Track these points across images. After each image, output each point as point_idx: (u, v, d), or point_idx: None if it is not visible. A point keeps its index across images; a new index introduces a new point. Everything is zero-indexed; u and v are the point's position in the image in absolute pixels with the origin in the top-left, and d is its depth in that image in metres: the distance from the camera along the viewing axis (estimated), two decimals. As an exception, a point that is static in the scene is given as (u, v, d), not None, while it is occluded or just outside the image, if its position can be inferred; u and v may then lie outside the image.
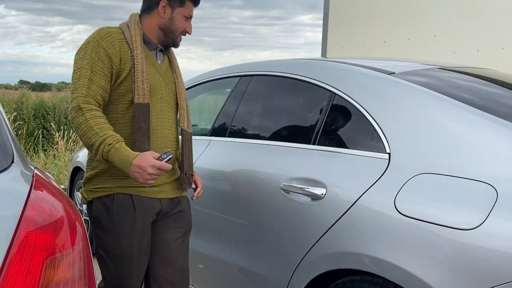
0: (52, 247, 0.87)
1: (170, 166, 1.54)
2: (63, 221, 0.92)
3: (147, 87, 1.66)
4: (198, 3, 1.83)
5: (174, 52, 1.90)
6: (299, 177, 1.68)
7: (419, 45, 5.95)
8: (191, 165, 1.79)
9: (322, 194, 1.57)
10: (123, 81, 1.66)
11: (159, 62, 1.80)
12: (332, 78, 1.81)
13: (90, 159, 1.71)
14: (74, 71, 1.66)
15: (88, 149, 1.60)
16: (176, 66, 1.87)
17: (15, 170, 0.95)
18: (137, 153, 1.52)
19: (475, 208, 1.21)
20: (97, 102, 1.60)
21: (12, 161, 0.95)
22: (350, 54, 6.91)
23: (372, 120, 1.59)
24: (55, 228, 0.89)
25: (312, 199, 1.60)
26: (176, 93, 1.82)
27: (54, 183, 1.07)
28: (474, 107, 1.44)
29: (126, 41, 1.69)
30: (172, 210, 1.75)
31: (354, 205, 1.46)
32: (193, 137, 1.88)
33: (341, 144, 1.69)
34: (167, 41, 1.80)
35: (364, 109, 1.63)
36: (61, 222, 0.91)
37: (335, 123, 1.75)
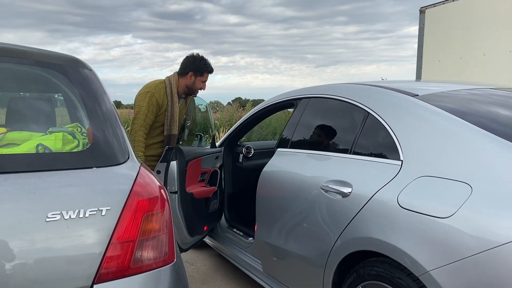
0: (147, 208, 1.46)
1: None
2: (156, 193, 1.51)
3: (172, 124, 3.09)
4: (212, 72, 3.21)
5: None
6: (334, 179, 2.12)
7: (521, 57, 5.77)
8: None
9: (349, 192, 2.00)
10: (159, 116, 3.08)
11: (179, 104, 3.21)
12: (368, 99, 2.22)
13: None
14: (136, 105, 3.02)
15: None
16: (188, 106, 3.34)
17: (130, 163, 1.57)
18: None
19: (451, 201, 1.56)
20: (146, 128, 3.01)
21: (128, 158, 1.58)
22: (446, 68, 6.92)
23: (393, 134, 1.97)
24: (149, 197, 1.49)
25: (342, 196, 2.03)
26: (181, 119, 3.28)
27: (150, 172, 1.68)
28: (473, 123, 1.76)
29: (166, 94, 3.08)
30: None
31: (369, 201, 1.87)
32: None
33: (368, 153, 2.09)
34: (189, 93, 3.25)
35: (388, 125, 2.02)
36: (154, 194, 1.51)
37: (366, 136, 2.15)
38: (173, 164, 2.83)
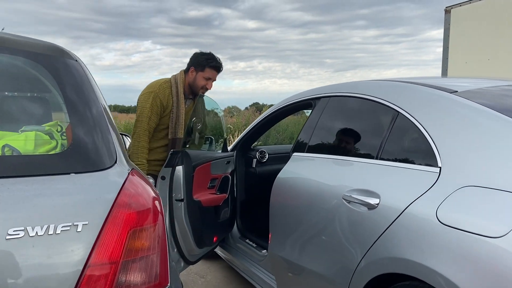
0: (135, 222, 1.22)
1: None
2: (147, 205, 1.27)
3: (178, 127, 2.80)
4: (219, 71, 2.91)
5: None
6: (358, 188, 1.84)
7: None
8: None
9: (376, 204, 1.71)
10: (163, 118, 2.82)
11: (186, 106, 2.92)
12: (397, 97, 1.94)
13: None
14: (139, 106, 2.76)
15: (131, 156, 2.62)
16: (196, 106, 3.00)
17: (117, 167, 1.33)
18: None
19: (503, 217, 1.27)
20: (150, 132, 2.75)
21: (115, 162, 1.34)
22: (474, 70, 6.55)
23: (428, 136, 1.69)
24: (139, 210, 1.24)
25: (368, 208, 1.75)
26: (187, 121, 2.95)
27: (142, 179, 1.43)
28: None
29: (171, 94, 2.80)
30: None
31: (401, 215, 1.58)
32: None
33: (399, 158, 1.80)
34: (193, 93, 2.93)
35: (422, 126, 1.73)
36: (145, 206, 1.26)
37: (396, 139, 1.87)
38: (179, 169, 2.58)
